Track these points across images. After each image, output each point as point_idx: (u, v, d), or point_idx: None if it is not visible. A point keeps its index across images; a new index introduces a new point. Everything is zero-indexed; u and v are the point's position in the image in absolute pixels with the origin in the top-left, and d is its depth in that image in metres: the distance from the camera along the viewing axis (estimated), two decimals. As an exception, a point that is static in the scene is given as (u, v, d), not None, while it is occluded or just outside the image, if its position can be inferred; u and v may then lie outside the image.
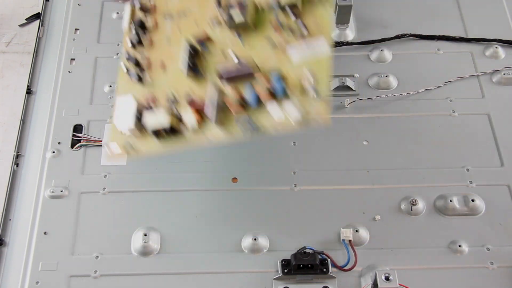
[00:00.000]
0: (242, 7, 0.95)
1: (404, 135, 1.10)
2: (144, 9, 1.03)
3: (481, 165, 1.06)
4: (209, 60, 0.95)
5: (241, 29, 0.95)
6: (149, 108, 0.93)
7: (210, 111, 0.89)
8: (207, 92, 0.91)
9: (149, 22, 1.01)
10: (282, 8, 0.94)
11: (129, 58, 0.99)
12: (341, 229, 0.97)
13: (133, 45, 1.01)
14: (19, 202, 1.02)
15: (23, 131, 1.10)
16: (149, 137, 0.92)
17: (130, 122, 0.93)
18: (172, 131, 0.90)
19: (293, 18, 0.93)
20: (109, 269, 0.95)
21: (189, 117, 0.90)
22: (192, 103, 0.91)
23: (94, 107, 1.12)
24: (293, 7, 0.94)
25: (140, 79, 0.97)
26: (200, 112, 0.90)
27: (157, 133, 0.91)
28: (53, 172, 1.05)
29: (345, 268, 0.93)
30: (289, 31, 0.93)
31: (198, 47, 0.96)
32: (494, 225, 0.99)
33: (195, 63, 0.94)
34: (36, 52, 1.20)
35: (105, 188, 1.03)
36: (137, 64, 0.99)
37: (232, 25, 0.96)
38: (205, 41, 0.96)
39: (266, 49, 0.93)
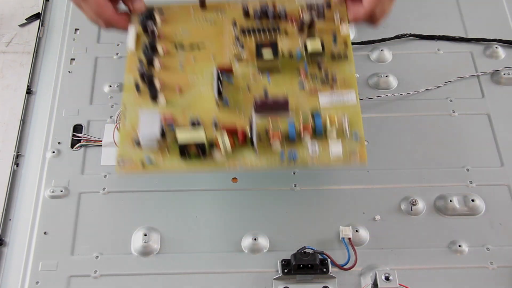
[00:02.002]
0: (272, 47, 0.96)
1: (404, 135, 1.10)
2: (151, 34, 1.02)
3: (481, 165, 1.06)
4: (233, 92, 0.95)
5: (268, 69, 0.97)
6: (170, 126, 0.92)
7: (253, 139, 0.89)
8: (248, 121, 0.92)
9: (159, 47, 1.00)
10: (308, 57, 0.97)
11: (143, 74, 0.96)
12: (340, 227, 0.97)
13: (145, 63, 0.98)
14: (19, 202, 1.02)
15: (23, 131, 1.10)
16: (173, 154, 0.90)
17: (156, 134, 0.90)
18: (203, 150, 0.89)
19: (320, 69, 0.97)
20: (109, 269, 0.95)
21: (225, 140, 0.89)
22: (227, 128, 0.91)
23: (94, 107, 1.12)
24: (317, 55, 0.97)
25: (154, 98, 0.95)
26: (233, 137, 0.90)
27: (183, 150, 0.89)
28: (53, 172, 1.05)
29: (345, 267, 0.93)
30: (316, 79, 0.95)
31: (222, 77, 0.96)
32: (494, 225, 0.99)
33: (222, 91, 0.94)
34: (36, 52, 1.20)
35: (105, 188, 1.03)
36: (150, 82, 0.96)
37: (261, 63, 0.96)
38: (229, 72, 0.96)
39: (294, 91, 0.94)
